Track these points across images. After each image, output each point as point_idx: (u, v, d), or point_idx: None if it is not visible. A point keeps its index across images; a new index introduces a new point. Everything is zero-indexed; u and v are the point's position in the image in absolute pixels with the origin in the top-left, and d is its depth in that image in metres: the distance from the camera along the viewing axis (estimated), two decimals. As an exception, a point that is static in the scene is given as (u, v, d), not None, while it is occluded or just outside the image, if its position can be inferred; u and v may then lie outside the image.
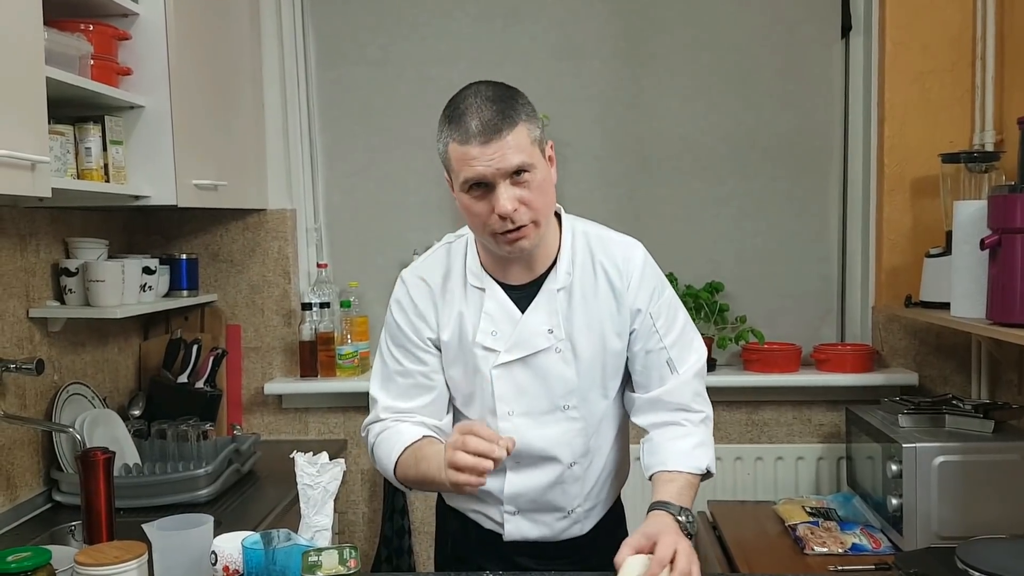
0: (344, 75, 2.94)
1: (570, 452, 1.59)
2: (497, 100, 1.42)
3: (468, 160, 1.41)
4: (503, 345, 1.54)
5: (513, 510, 1.62)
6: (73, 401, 2.30)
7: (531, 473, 1.59)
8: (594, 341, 1.55)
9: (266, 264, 2.88)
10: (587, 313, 1.55)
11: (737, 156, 2.88)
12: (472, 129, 1.40)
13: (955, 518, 2.11)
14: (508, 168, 1.40)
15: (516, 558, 1.67)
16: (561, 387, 1.55)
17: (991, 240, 1.96)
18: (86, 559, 1.35)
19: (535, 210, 1.44)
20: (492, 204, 1.42)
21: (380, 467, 1.61)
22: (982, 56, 2.58)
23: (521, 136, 1.41)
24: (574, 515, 1.64)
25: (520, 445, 1.48)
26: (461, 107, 1.43)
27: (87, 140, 2.03)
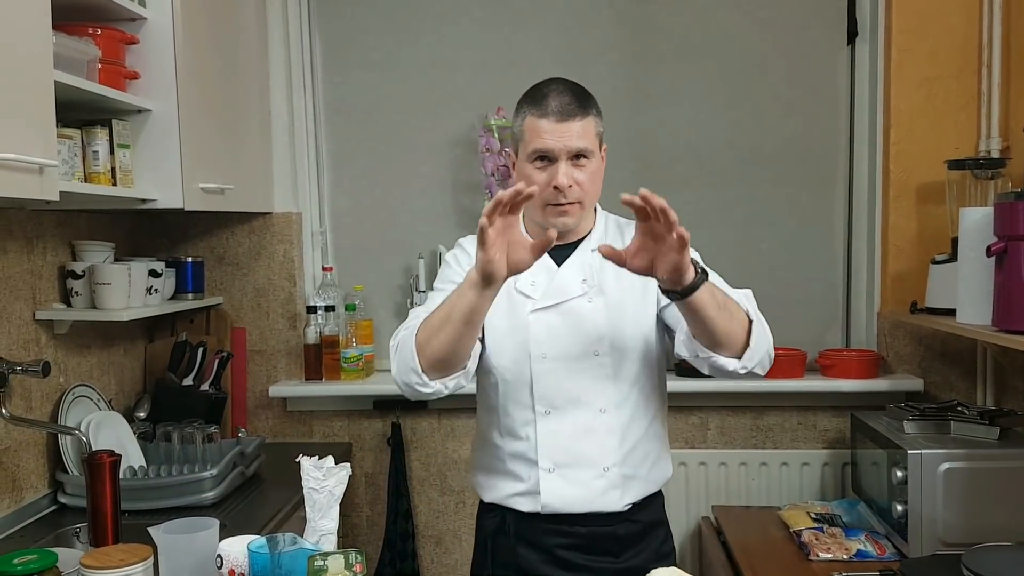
0: (350, 80, 2.95)
1: (600, 397, 1.65)
2: (576, 91, 1.63)
3: (541, 133, 1.59)
4: (540, 293, 1.68)
5: (549, 466, 1.66)
6: (79, 403, 2.31)
7: (563, 419, 1.65)
8: (623, 293, 1.67)
9: (271, 267, 2.89)
10: (619, 274, 1.61)
11: (742, 162, 2.88)
12: (551, 107, 1.59)
13: (960, 525, 2.10)
14: (572, 148, 1.59)
15: (558, 551, 1.68)
16: (592, 333, 1.65)
17: (997, 247, 1.96)
18: (92, 562, 1.36)
19: (585, 192, 1.62)
20: (551, 176, 1.60)
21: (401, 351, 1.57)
22: (988, 63, 2.58)
23: (589, 126, 1.61)
24: (610, 475, 1.66)
25: (552, 388, 1.65)
26: (544, 90, 1.63)
27: (95, 144, 2.03)
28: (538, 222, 1.67)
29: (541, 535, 1.69)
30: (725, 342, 1.51)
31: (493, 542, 1.75)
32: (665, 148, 2.89)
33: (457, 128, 2.91)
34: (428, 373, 1.54)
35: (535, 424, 1.66)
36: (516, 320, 1.67)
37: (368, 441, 2.91)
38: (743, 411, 2.82)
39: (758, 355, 1.54)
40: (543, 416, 1.66)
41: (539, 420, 1.66)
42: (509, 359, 1.68)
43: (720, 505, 2.72)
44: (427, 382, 1.55)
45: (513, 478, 1.70)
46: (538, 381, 1.65)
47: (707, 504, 2.76)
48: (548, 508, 1.67)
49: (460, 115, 2.90)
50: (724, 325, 1.49)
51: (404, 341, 1.57)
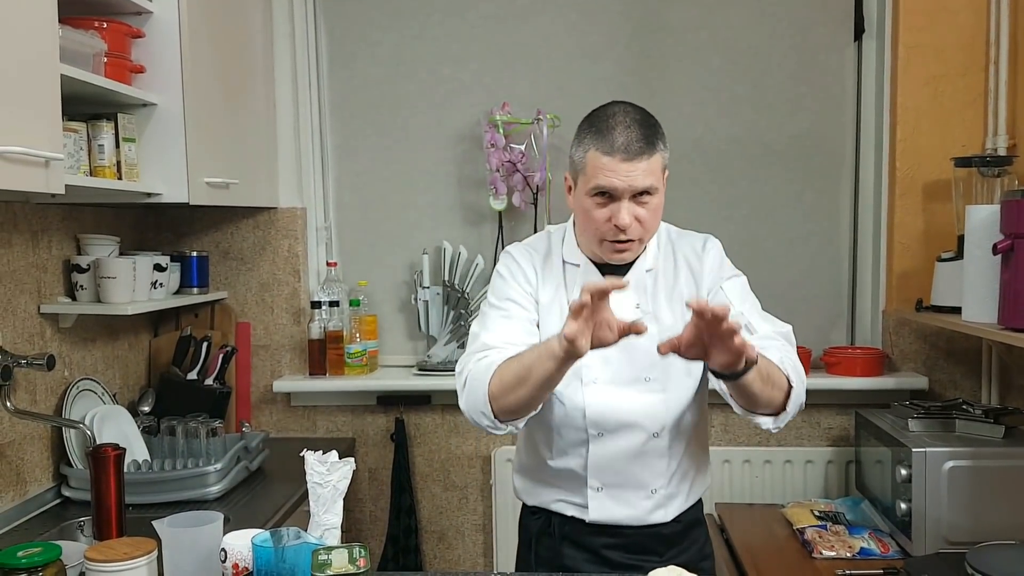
0: (355, 74, 2.94)
1: (652, 422, 1.64)
2: (644, 125, 1.55)
3: (605, 170, 1.52)
4: None
5: (598, 486, 1.65)
6: (83, 397, 2.31)
7: (614, 442, 1.64)
8: (676, 318, 1.64)
9: (276, 262, 2.89)
10: (670, 293, 1.65)
11: (748, 159, 2.88)
12: (618, 144, 1.52)
13: (964, 523, 2.09)
14: (638, 188, 1.53)
15: (604, 551, 1.68)
16: (644, 359, 1.62)
17: (1003, 245, 1.96)
18: (96, 555, 1.36)
19: (646, 229, 1.58)
20: (611, 213, 1.55)
21: (471, 392, 1.55)
22: (995, 60, 2.57)
23: (656, 163, 1.55)
24: (657, 496, 1.66)
25: (603, 413, 1.63)
26: (611, 122, 1.55)
27: (100, 137, 2.04)
28: (595, 251, 1.64)
29: (586, 536, 1.69)
30: (765, 408, 1.53)
31: (537, 542, 1.74)
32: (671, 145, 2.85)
33: (462, 123, 2.90)
34: (500, 418, 1.54)
35: (587, 446, 1.65)
36: None
37: (372, 436, 2.91)
38: (747, 408, 2.81)
39: (792, 414, 1.56)
40: (595, 439, 1.64)
41: (591, 442, 1.65)
42: (562, 383, 1.63)
43: (723, 503, 2.71)
44: (499, 426, 1.55)
45: (560, 490, 1.70)
46: (590, 405, 1.63)
47: (711, 502, 2.76)
48: (595, 521, 1.67)
49: (465, 110, 2.89)
50: (767, 396, 1.49)
51: (476, 384, 1.54)
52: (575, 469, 1.66)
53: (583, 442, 1.65)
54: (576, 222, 1.67)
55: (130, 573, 1.35)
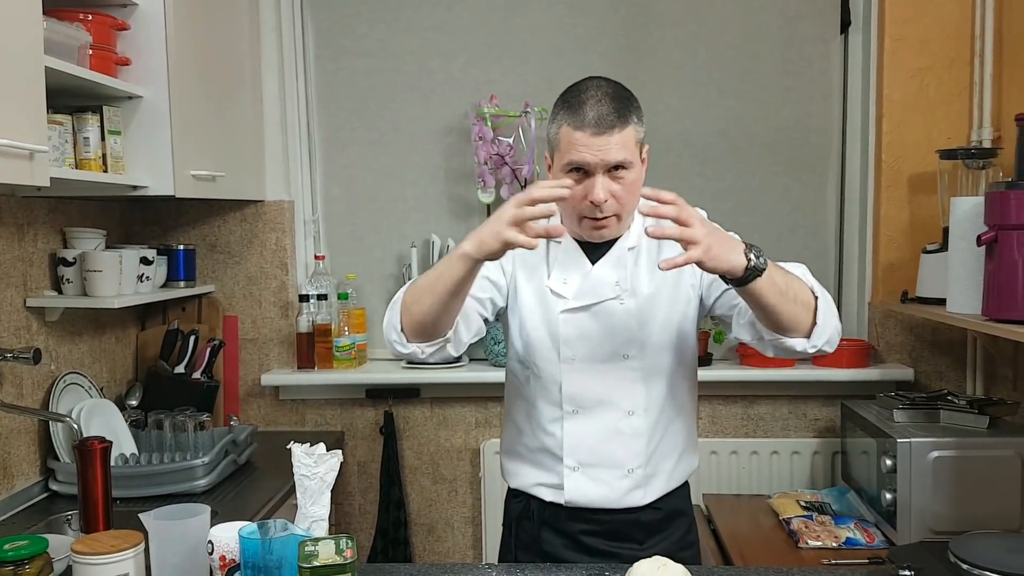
0: (343, 67, 2.93)
1: (628, 400, 1.64)
2: (616, 98, 1.54)
3: (577, 145, 1.52)
4: (572, 292, 1.64)
5: (574, 464, 1.66)
6: (70, 391, 2.31)
7: (590, 420, 1.64)
8: (656, 297, 1.64)
9: (263, 255, 2.88)
10: (652, 271, 1.64)
11: (735, 151, 2.89)
12: (588, 118, 1.51)
13: (949, 513, 2.11)
14: (610, 162, 1.52)
15: (582, 537, 1.69)
16: (623, 336, 1.63)
17: (987, 236, 1.97)
18: (83, 548, 1.36)
19: (622, 204, 1.56)
20: (587, 190, 1.54)
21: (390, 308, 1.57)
22: (980, 53, 2.58)
23: (628, 136, 1.53)
24: (634, 475, 1.66)
25: (579, 389, 1.64)
26: (582, 96, 1.54)
27: (85, 130, 2.03)
28: (575, 231, 1.64)
29: (565, 522, 1.70)
30: (791, 325, 1.48)
31: (517, 526, 1.75)
32: (658, 137, 2.88)
33: (450, 116, 2.90)
34: (408, 334, 1.54)
35: (562, 422, 1.66)
36: (547, 319, 1.65)
37: (361, 430, 2.91)
38: (734, 400, 2.83)
39: (827, 332, 1.52)
40: (570, 415, 1.65)
41: (566, 419, 1.65)
42: (539, 356, 1.67)
43: (711, 494, 2.73)
44: (404, 343, 1.55)
45: (538, 468, 1.71)
46: (567, 381, 1.64)
47: (698, 493, 2.77)
48: (571, 503, 1.68)
49: (453, 103, 2.89)
50: (789, 309, 1.46)
51: (395, 300, 1.57)
52: (551, 447, 1.67)
53: (558, 419, 1.66)
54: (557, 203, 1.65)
55: (117, 566, 1.35)
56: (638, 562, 1.40)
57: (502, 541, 1.82)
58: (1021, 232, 1.90)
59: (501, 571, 1.57)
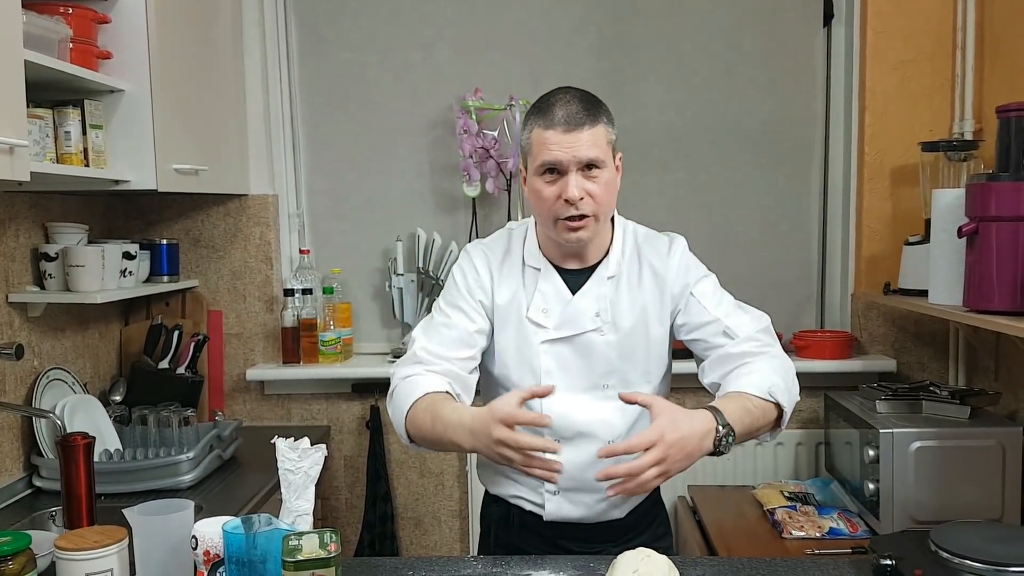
0: (326, 60, 2.92)
1: (608, 430, 1.63)
2: (584, 100, 1.56)
3: (548, 144, 1.53)
4: (552, 323, 1.63)
5: (554, 490, 1.66)
6: (54, 386, 2.29)
7: (571, 450, 1.62)
8: (636, 327, 1.64)
9: (248, 250, 2.87)
10: (632, 301, 1.64)
11: (718, 144, 2.89)
12: (558, 117, 1.53)
13: (931, 503, 2.14)
14: (582, 159, 1.53)
15: (559, 541, 1.69)
16: (602, 367, 1.63)
17: (968, 228, 1.98)
18: (66, 544, 1.35)
19: (598, 204, 1.56)
20: (561, 189, 1.54)
21: (393, 414, 1.61)
22: (962, 45, 2.60)
23: (599, 135, 1.54)
24: (613, 498, 1.64)
25: (562, 420, 1.61)
26: (551, 100, 1.56)
27: (66, 124, 2.01)
28: (552, 238, 1.63)
29: (543, 527, 1.70)
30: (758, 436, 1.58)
31: (497, 528, 1.76)
32: (642, 130, 2.89)
33: (435, 109, 2.90)
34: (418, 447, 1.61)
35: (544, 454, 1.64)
36: (526, 348, 1.64)
37: (347, 424, 2.91)
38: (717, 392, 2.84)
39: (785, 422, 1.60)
40: None
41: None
42: (518, 386, 1.64)
43: (696, 485, 2.74)
44: (415, 449, 1.62)
45: (518, 484, 1.71)
46: (548, 412, 1.61)
47: (683, 485, 2.79)
48: (551, 517, 1.68)
49: (438, 96, 2.89)
50: (757, 434, 1.55)
51: (398, 407, 1.58)
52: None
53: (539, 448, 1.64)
54: (532, 210, 1.64)
55: (100, 562, 1.34)
56: (622, 554, 1.41)
57: (480, 540, 1.82)
58: (1001, 224, 1.92)
59: (486, 563, 1.57)
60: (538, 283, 1.65)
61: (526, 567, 1.55)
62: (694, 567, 1.54)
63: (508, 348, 1.66)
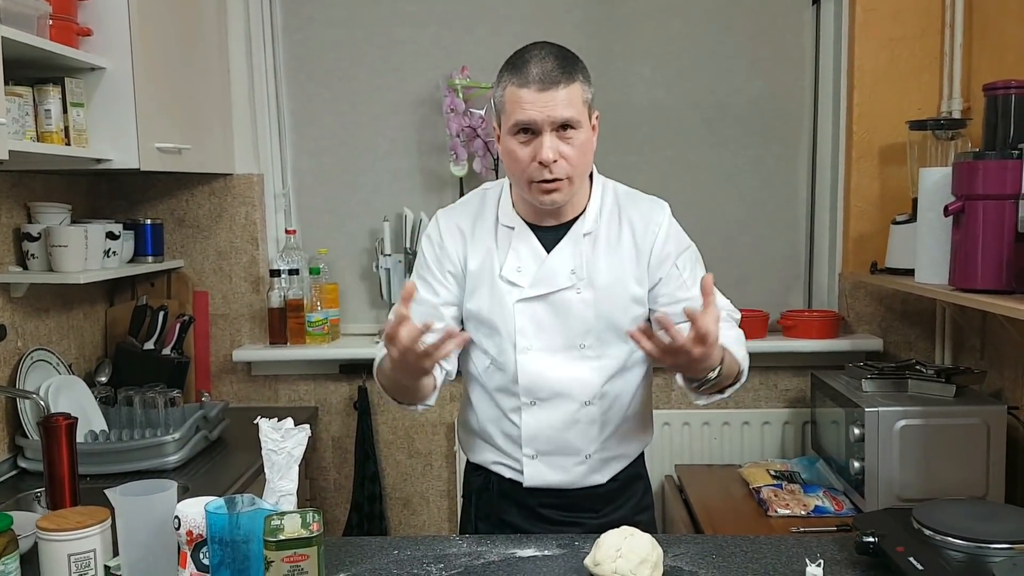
0: (311, 37, 2.89)
1: (585, 390, 1.63)
2: (560, 57, 1.52)
3: (522, 103, 1.49)
4: (527, 281, 1.61)
5: (532, 453, 1.66)
6: (38, 367, 2.28)
7: (547, 411, 1.63)
8: (614, 285, 1.61)
9: (233, 230, 2.85)
10: (609, 259, 1.62)
11: (707, 123, 2.88)
12: (532, 75, 1.49)
13: (916, 481, 2.15)
14: (557, 118, 1.49)
15: (540, 509, 1.69)
16: (579, 326, 1.61)
17: (955, 206, 1.98)
18: (48, 524, 1.35)
19: (573, 166, 1.53)
20: (535, 151, 1.51)
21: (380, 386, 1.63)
22: (951, 23, 2.58)
23: (575, 93, 1.51)
24: (591, 461, 1.66)
25: (535, 381, 1.62)
26: (525, 56, 1.52)
27: (46, 102, 1.99)
28: (526, 199, 1.60)
29: (524, 496, 1.70)
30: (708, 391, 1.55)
31: (478, 497, 1.76)
32: (629, 108, 2.87)
33: (421, 88, 2.87)
34: (407, 406, 1.62)
35: (520, 413, 1.64)
36: (501, 309, 1.62)
37: (335, 405, 2.90)
38: (707, 371, 2.84)
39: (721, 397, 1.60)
40: (528, 407, 1.64)
41: (524, 410, 1.64)
42: (495, 348, 1.64)
43: (683, 464, 2.75)
44: (410, 409, 1.64)
45: (497, 451, 1.71)
46: (523, 373, 1.62)
47: (671, 464, 2.80)
48: (531, 485, 1.68)
49: (424, 74, 2.86)
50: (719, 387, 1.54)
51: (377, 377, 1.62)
52: (510, 434, 1.66)
53: (516, 409, 1.65)
54: (506, 170, 1.61)
55: (82, 542, 1.34)
56: (606, 533, 1.41)
57: (462, 511, 1.83)
58: (988, 202, 1.92)
59: (471, 542, 1.58)
60: (512, 242, 1.63)
61: (512, 545, 1.55)
62: (678, 545, 1.54)
63: (482, 309, 1.64)
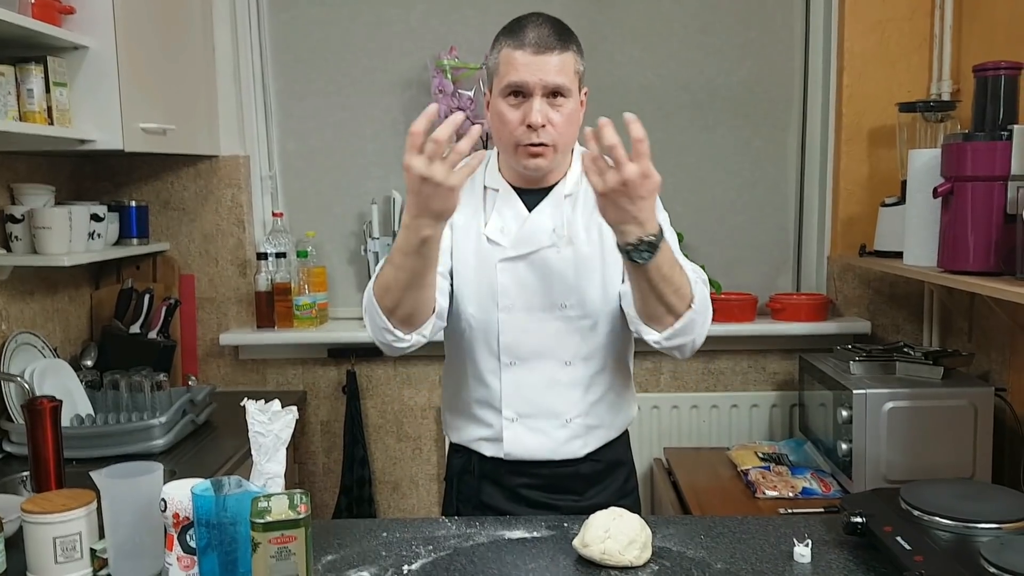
0: (298, 16, 2.86)
1: (566, 350, 1.63)
2: (556, 25, 1.56)
3: (516, 65, 1.52)
4: (509, 241, 1.63)
5: (512, 416, 1.65)
6: (23, 351, 2.26)
7: (527, 370, 1.63)
8: (594, 245, 1.62)
9: (219, 212, 2.83)
10: (589, 219, 1.62)
11: (696, 104, 2.87)
12: (528, 39, 1.52)
13: (903, 462, 2.15)
14: (549, 84, 1.52)
15: (522, 491, 1.69)
16: (560, 285, 1.62)
17: (943, 188, 1.98)
18: (33, 507, 1.33)
19: (559, 133, 1.55)
20: (524, 114, 1.53)
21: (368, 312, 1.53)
22: (941, 5, 2.58)
23: (568, 62, 1.54)
24: (572, 425, 1.66)
25: (516, 339, 1.63)
26: (523, 22, 1.56)
27: (29, 81, 1.97)
28: (511, 165, 1.62)
29: (505, 476, 1.70)
30: (655, 314, 1.48)
31: (459, 480, 1.75)
32: (618, 90, 2.86)
33: (409, 68, 2.85)
34: (401, 329, 1.51)
35: (500, 373, 1.65)
36: (483, 268, 1.63)
37: (323, 389, 2.89)
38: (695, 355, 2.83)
39: (681, 339, 1.52)
40: (508, 367, 1.64)
41: (504, 370, 1.64)
42: (476, 307, 1.64)
43: (672, 447, 2.76)
44: (402, 337, 1.52)
45: (477, 423, 1.70)
46: (504, 332, 1.63)
47: (660, 446, 2.80)
48: (511, 456, 1.67)
49: (412, 55, 2.84)
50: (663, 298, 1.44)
51: (368, 302, 1.52)
52: (489, 399, 1.66)
53: (496, 370, 1.65)
54: (493, 133, 1.63)
55: (68, 525, 1.33)
56: (595, 514, 1.41)
57: (444, 494, 1.83)
58: (976, 184, 1.91)
59: (460, 524, 1.57)
60: (496, 203, 1.65)
61: (500, 527, 1.55)
62: (667, 526, 1.54)
63: (467, 267, 1.64)
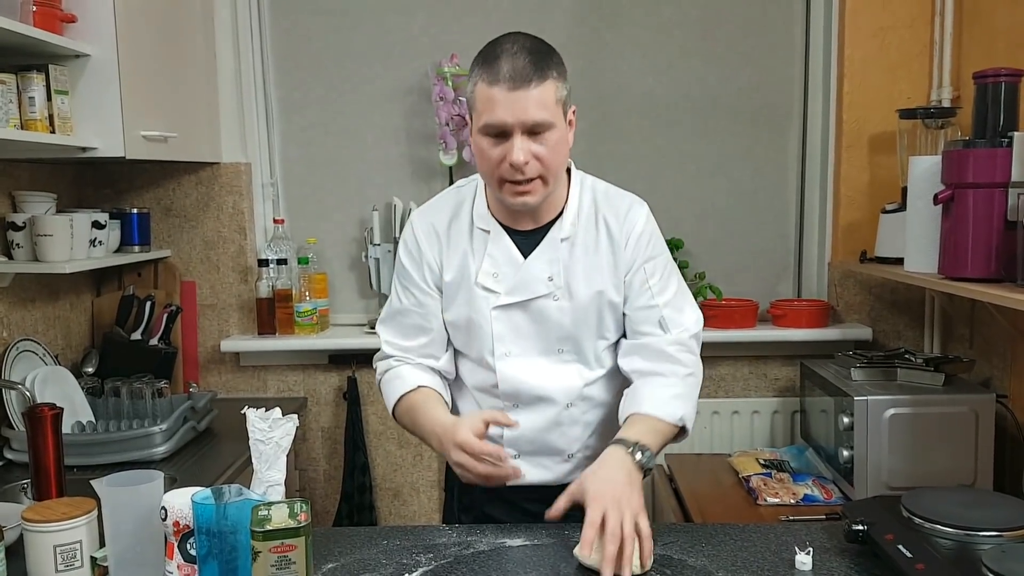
0: (299, 24, 2.87)
1: (565, 393, 1.63)
2: (533, 52, 1.45)
3: (492, 103, 1.43)
4: (504, 288, 1.59)
5: (515, 453, 1.64)
6: (24, 358, 2.26)
7: (529, 414, 1.62)
8: (591, 291, 1.59)
9: (220, 219, 2.83)
10: (587, 264, 1.59)
11: (698, 112, 2.87)
12: (503, 73, 1.42)
13: (905, 469, 2.15)
14: (528, 121, 1.43)
15: (524, 504, 1.69)
16: (556, 332, 1.60)
17: (944, 195, 1.98)
18: (34, 515, 1.33)
19: (546, 167, 1.48)
20: (505, 152, 1.45)
21: (387, 403, 1.68)
22: (941, 12, 2.58)
23: (547, 93, 1.44)
24: (575, 459, 1.66)
25: (516, 386, 1.61)
26: (497, 50, 1.46)
27: (30, 89, 1.97)
28: (499, 198, 1.55)
29: (507, 492, 1.68)
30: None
31: (460, 492, 1.75)
32: (620, 98, 2.86)
33: (410, 76, 2.85)
34: None
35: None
36: (478, 316, 1.60)
37: (324, 395, 2.89)
38: (697, 361, 2.84)
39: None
40: (510, 409, 1.62)
41: (507, 412, 1.61)
42: (474, 354, 1.63)
43: (673, 453, 2.74)
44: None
45: None
46: (503, 379, 1.61)
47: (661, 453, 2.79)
48: (515, 484, 1.65)
49: (413, 62, 2.84)
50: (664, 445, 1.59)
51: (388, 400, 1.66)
52: (493, 436, 1.63)
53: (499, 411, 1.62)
54: (478, 168, 1.56)
55: (68, 533, 1.33)
56: None
57: (445, 505, 1.83)
58: (977, 190, 1.91)
59: (461, 532, 1.57)
60: (487, 246, 1.59)
61: (502, 535, 1.55)
62: (668, 533, 1.54)
63: (460, 315, 1.62)
